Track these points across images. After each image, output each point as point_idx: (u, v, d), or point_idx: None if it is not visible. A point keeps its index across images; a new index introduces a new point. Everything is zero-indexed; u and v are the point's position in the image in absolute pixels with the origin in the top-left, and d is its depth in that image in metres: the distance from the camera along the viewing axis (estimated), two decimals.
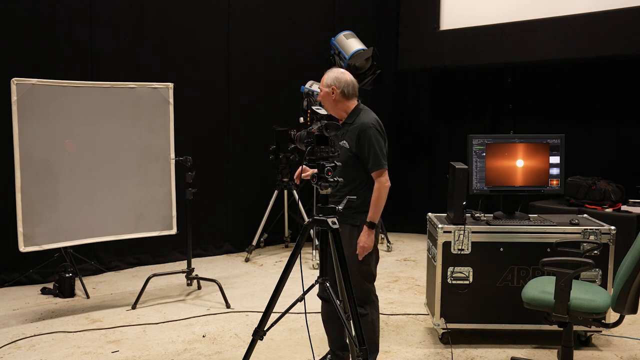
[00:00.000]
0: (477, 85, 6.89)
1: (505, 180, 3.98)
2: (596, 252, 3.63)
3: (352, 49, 6.16)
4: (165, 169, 4.75)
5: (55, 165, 4.32)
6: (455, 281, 3.79)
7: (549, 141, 3.97)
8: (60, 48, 5.23)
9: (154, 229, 4.75)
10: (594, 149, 5.98)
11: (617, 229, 3.76)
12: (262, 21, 6.44)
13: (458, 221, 3.78)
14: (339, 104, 3.30)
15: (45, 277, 5.16)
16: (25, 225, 4.16)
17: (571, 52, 5.65)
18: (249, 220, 6.33)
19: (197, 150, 5.52)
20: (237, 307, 4.61)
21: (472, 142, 3.95)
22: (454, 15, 6.51)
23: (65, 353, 3.75)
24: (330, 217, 2.87)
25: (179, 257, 5.90)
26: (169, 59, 5.85)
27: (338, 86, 3.27)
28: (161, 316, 4.41)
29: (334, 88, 3.27)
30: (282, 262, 5.89)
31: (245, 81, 6.37)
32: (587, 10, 5.51)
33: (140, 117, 4.64)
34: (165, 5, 5.82)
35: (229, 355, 3.74)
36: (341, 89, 3.26)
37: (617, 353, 3.76)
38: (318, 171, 2.87)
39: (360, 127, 3.18)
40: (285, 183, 6.01)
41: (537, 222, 3.87)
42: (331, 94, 3.27)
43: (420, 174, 7.23)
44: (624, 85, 5.90)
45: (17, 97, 4.10)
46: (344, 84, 3.27)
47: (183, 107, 5.32)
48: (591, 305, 3.08)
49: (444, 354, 3.74)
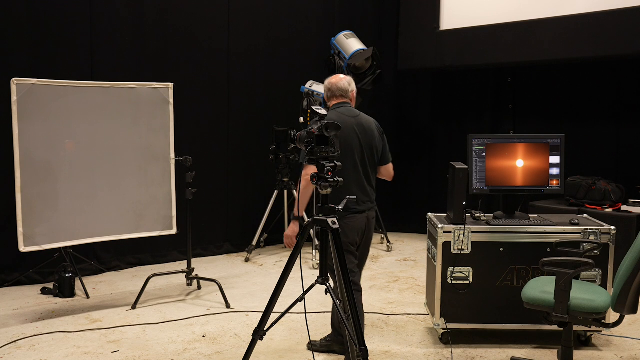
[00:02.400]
0: (477, 85, 6.89)
1: (505, 180, 3.98)
2: (596, 252, 3.63)
3: (352, 49, 6.17)
4: (165, 169, 4.75)
5: (55, 165, 4.32)
6: (455, 281, 3.79)
7: (549, 141, 3.97)
8: (60, 48, 5.23)
9: (154, 229, 4.75)
10: (594, 149, 5.98)
11: (617, 229, 3.76)
12: (262, 21, 6.43)
13: (458, 221, 3.78)
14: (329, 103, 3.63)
15: (45, 277, 5.16)
16: (25, 225, 4.16)
17: (571, 52, 5.65)
18: (249, 220, 6.33)
19: (197, 150, 5.53)
20: (237, 307, 4.61)
21: (472, 142, 3.95)
22: (454, 15, 6.51)
23: (65, 353, 3.75)
24: (330, 217, 2.87)
25: (179, 257, 5.91)
26: (169, 59, 5.85)
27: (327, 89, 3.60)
28: (161, 316, 4.41)
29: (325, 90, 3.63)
30: (282, 262, 5.90)
31: (245, 81, 6.37)
32: (587, 10, 5.51)
33: (140, 117, 4.64)
34: (165, 5, 5.82)
35: (229, 355, 3.74)
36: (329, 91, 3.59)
37: (617, 353, 3.76)
38: (318, 171, 2.88)
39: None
40: (285, 183, 6.01)
41: (537, 222, 3.87)
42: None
43: (420, 174, 7.23)
44: (624, 85, 5.90)
45: (17, 97, 4.10)
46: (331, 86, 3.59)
47: (183, 107, 5.32)
48: (591, 305, 3.08)
49: (444, 354, 3.74)
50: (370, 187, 3.50)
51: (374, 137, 3.50)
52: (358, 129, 3.44)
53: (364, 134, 3.45)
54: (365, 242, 3.53)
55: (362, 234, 3.47)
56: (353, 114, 3.50)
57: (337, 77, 3.58)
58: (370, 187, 3.50)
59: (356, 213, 3.40)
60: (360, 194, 3.41)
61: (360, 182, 3.44)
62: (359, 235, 3.45)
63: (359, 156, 3.42)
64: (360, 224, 3.43)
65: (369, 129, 3.49)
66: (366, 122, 3.51)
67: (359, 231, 3.44)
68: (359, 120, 3.48)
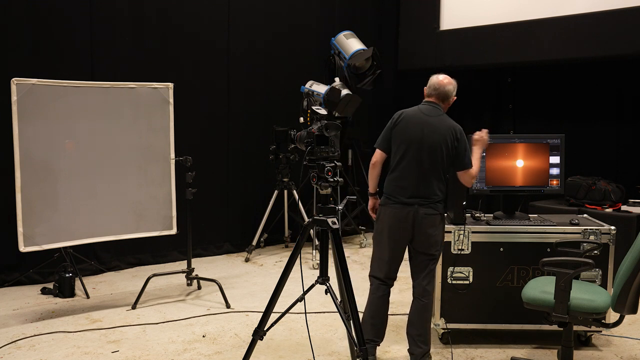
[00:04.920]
0: (477, 85, 6.89)
1: (505, 180, 3.98)
2: (596, 252, 3.63)
3: (352, 49, 6.17)
4: (165, 169, 4.75)
5: (55, 165, 4.32)
6: (455, 281, 3.79)
7: (549, 141, 3.97)
8: (60, 48, 5.23)
9: (154, 229, 4.75)
10: (594, 149, 5.98)
11: (617, 229, 3.76)
12: (262, 21, 6.43)
13: (458, 221, 3.78)
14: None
15: (45, 277, 5.16)
16: (25, 225, 4.16)
17: (571, 52, 5.65)
18: (249, 220, 6.34)
19: (197, 150, 5.52)
20: (237, 307, 4.61)
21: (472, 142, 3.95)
22: (454, 15, 6.51)
23: (65, 353, 3.75)
24: (330, 217, 2.87)
25: (179, 257, 5.90)
26: (169, 59, 5.85)
27: (427, 86, 3.69)
28: (161, 316, 4.41)
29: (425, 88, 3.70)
30: (282, 262, 5.89)
31: (245, 81, 6.37)
32: (587, 10, 5.52)
33: (140, 117, 4.64)
34: (165, 5, 5.82)
35: (229, 355, 3.74)
36: (427, 89, 3.68)
37: (617, 353, 3.76)
38: (318, 171, 2.88)
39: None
40: (285, 183, 6.01)
41: (537, 222, 3.87)
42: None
43: None
44: (624, 85, 5.90)
45: (17, 97, 4.10)
46: (428, 84, 3.68)
47: (183, 107, 5.32)
48: (591, 305, 3.08)
49: (444, 354, 3.75)
50: (427, 185, 3.40)
51: (442, 140, 3.42)
52: (426, 128, 3.43)
53: (431, 133, 3.42)
54: (417, 243, 3.44)
55: (407, 229, 3.39)
56: (430, 113, 3.49)
57: (446, 79, 3.56)
58: (425, 185, 3.40)
59: (399, 204, 3.39)
60: (416, 189, 3.39)
61: (416, 177, 3.40)
62: (399, 227, 3.40)
63: (418, 152, 3.41)
64: (399, 215, 3.38)
65: (439, 132, 3.43)
66: (439, 123, 3.46)
67: (397, 221, 3.39)
68: (432, 120, 3.46)
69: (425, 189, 3.40)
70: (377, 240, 3.52)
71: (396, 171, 3.44)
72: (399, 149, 3.44)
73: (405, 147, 3.42)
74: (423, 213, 3.37)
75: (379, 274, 3.49)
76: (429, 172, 3.41)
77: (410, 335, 3.45)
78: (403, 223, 3.39)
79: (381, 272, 3.48)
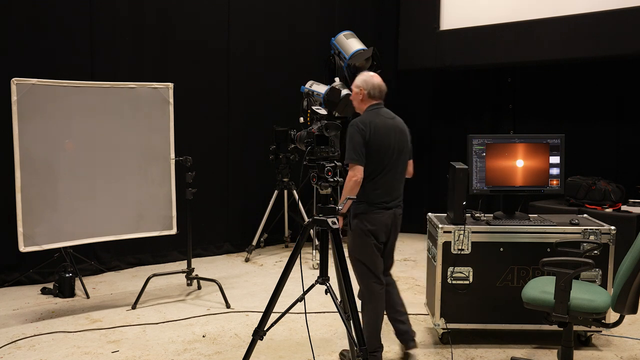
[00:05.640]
0: (477, 85, 6.89)
1: (505, 180, 3.98)
2: (596, 252, 3.63)
3: (352, 49, 6.17)
4: (165, 169, 4.75)
5: (55, 165, 4.32)
6: (455, 281, 3.79)
7: (549, 141, 3.97)
8: (60, 48, 5.23)
9: (154, 229, 4.75)
10: (594, 149, 5.98)
11: (617, 229, 3.76)
12: (262, 21, 6.44)
13: (458, 221, 3.78)
14: (362, 104, 3.55)
15: (45, 277, 5.16)
16: (25, 225, 4.16)
17: (571, 52, 5.65)
18: (249, 220, 6.33)
19: (197, 150, 5.52)
20: (237, 307, 4.61)
21: (472, 142, 3.96)
22: (454, 15, 6.51)
23: (65, 353, 3.75)
24: (330, 217, 2.87)
25: (179, 257, 5.90)
26: (169, 59, 5.85)
27: (365, 87, 3.52)
28: (161, 316, 4.41)
29: (362, 89, 3.52)
30: (282, 262, 5.90)
31: (245, 81, 6.37)
32: (587, 10, 5.51)
33: (140, 117, 4.64)
34: (165, 5, 5.82)
35: (229, 355, 3.74)
36: (367, 91, 3.51)
37: (617, 353, 3.76)
38: (318, 171, 2.88)
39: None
40: (285, 183, 6.01)
41: (537, 222, 3.87)
42: (359, 93, 3.53)
43: (420, 174, 7.20)
44: (624, 85, 5.90)
45: (17, 97, 4.10)
46: (370, 86, 3.52)
47: (183, 107, 5.32)
48: (591, 305, 3.08)
49: (444, 354, 3.74)
50: (400, 186, 3.54)
51: (407, 139, 3.57)
52: (396, 131, 3.48)
53: (400, 135, 3.50)
54: (392, 240, 3.54)
55: (388, 230, 3.46)
56: (391, 116, 3.54)
57: (376, 77, 3.58)
58: (400, 186, 3.53)
59: (383, 209, 3.41)
60: (394, 192, 3.46)
61: (393, 181, 3.47)
62: (384, 231, 3.44)
63: (395, 157, 3.45)
64: (386, 220, 3.43)
65: (404, 131, 3.55)
66: (401, 124, 3.56)
67: (384, 226, 3.43)
68: (396, 123, 3.52)
69: (399, 190, 3.52)
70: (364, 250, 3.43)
71: (377, 179, 3.42)
72: (376, 158, 3.41)
73: (382, 155, 3.42)
74: (399, 214, 3.52)
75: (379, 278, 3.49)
76: (400, 174, 3.52)
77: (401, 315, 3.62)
78: (386, 226, 3.45)
79: (379, 276, 3.49)
